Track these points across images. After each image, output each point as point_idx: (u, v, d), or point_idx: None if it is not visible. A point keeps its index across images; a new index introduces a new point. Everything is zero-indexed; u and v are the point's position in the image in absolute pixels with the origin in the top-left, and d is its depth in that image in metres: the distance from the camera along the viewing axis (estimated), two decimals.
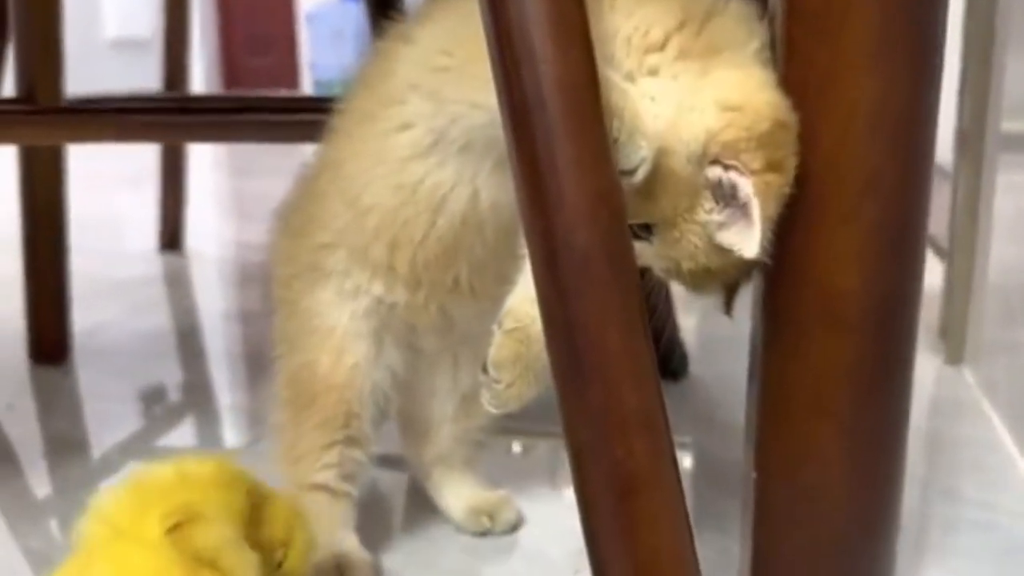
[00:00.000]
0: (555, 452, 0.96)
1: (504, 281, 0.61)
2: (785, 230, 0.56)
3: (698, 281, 0.57)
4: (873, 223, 0.56)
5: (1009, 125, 1.09)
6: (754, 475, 0.59)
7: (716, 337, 1.34)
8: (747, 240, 0.52)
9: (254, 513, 0.55)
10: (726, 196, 0.53)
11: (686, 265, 0.55)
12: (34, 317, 1.21)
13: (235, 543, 0.51)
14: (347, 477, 0.73)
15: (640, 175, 0.52)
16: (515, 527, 0.80)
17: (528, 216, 0.48)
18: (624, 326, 0.47)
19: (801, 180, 0.55)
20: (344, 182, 0.69)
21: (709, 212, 0.53)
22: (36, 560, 0.76)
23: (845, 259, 0.55)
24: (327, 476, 0.72)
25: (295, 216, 0.75)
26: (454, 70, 0.61)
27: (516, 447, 0.98)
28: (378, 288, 0.70)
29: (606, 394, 0.47)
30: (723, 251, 0.53)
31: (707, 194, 0.53)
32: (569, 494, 0.87)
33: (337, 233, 0.70)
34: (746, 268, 0.56)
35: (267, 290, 0.77)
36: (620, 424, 0.47)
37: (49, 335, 1.21)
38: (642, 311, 0.48)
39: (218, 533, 0.50)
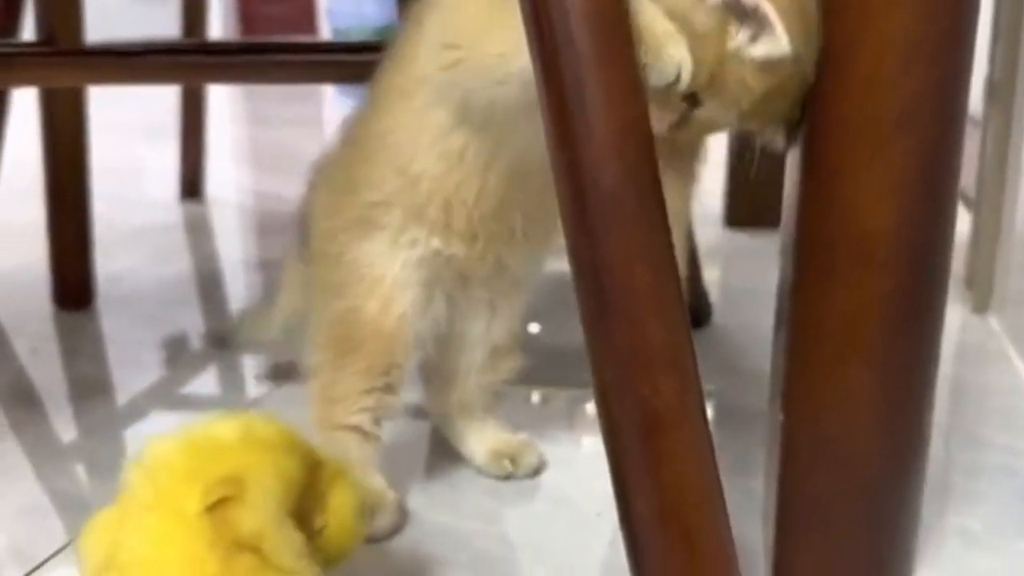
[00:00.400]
0: (574, 402, 0.96)
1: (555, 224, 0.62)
2: (816, 166, 0.55)
3: (764, 114, 0.57)
4: (906, 160, 0.54)
5: None
6: (781, 417, 0.59)
7: (738, 288, 1.34)
8: (774, 41, 0.53)
9: (307, 481, 0.52)
10: (742, 13, 0.53)
11: (745, 103, 0.56)
12: (58, 262, 1.21)
13: (279, 524, 0.48)
14: (379, 421, 0.73)
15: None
16: (537, 471, 0.80)
17: (556, 152, 0.47)
18: (652, 263, 0.47)
19: (834, 113, 0.54)
20: (391, 151, 0.69)
21: (735, 37, 0.54)
22: (62, 502, 0.77)
23: (877, 196, 0.54)
24: (361, 419, 0.72)
25: (340, 173, 0.74)
26: (465, 61, 0.61)
27: (535, 397, 0.98)
28: (436, 242, 0.70)
29: (632, 332, 0.47)
30: (765, 67, 0.54)
31: (729, 24, 0.54)
32: (588, 442, 0.88)
33: (389, 195, 0.70)
34: (798, 80, 0.56)
35: (286, 239, 0.77)
36: (646, 362, 0.47)
37: (73, 280, 1.22)
38: (671, 249, 0.48)
39: (262, 517, 0.47)
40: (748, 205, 1.56)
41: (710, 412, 0.95)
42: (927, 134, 0.54)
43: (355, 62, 0.87)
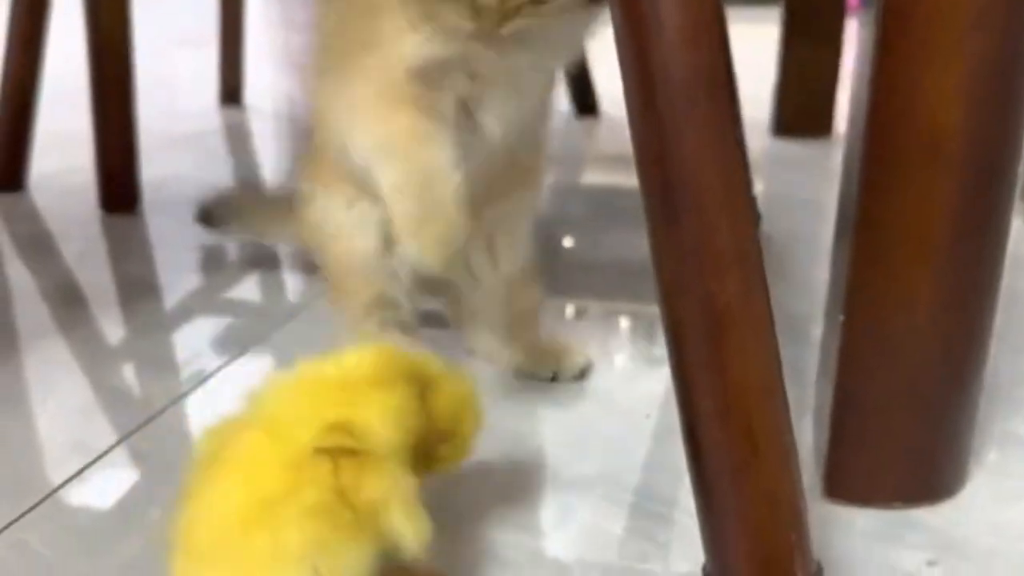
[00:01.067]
0: (607, 316, 0.96)
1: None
2: (888, 64, 0.53)
3: None
4: (980, 60, 0.53)
5: None
6: (842, 318, 0.58)
7: (785, 196, 1.33)
8: None
9: (422, 404, 0.50)
10: None
11: None
12: (104, 166, 1.22)
13: (394, 492, 0.46)
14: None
15: None
16: (584, 373, 0.80)
17: (624, 39, 0.46)
18: (721, 160, 0.46)
19: (908, 9, 0.52)
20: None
21: None
22: (114, 399, 0.78)
23: (950, 95, 0.53)
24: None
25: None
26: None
27: (569, 310, 0.97)
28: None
29: (700, 228, 0.46)
30: None
31: None
32: (622, 356, 0.88)
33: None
34: None
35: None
36: (714, 259, 0.46)
37: (119, 184, 1.22)
38: (741, 146, 0.47)
39: (382, 487, 0.45)
40: (795, 113, 1.53)
41: None
42: (1002, 36, 0.53)
43: None
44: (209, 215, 1.06)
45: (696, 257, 0.46)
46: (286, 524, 0.43)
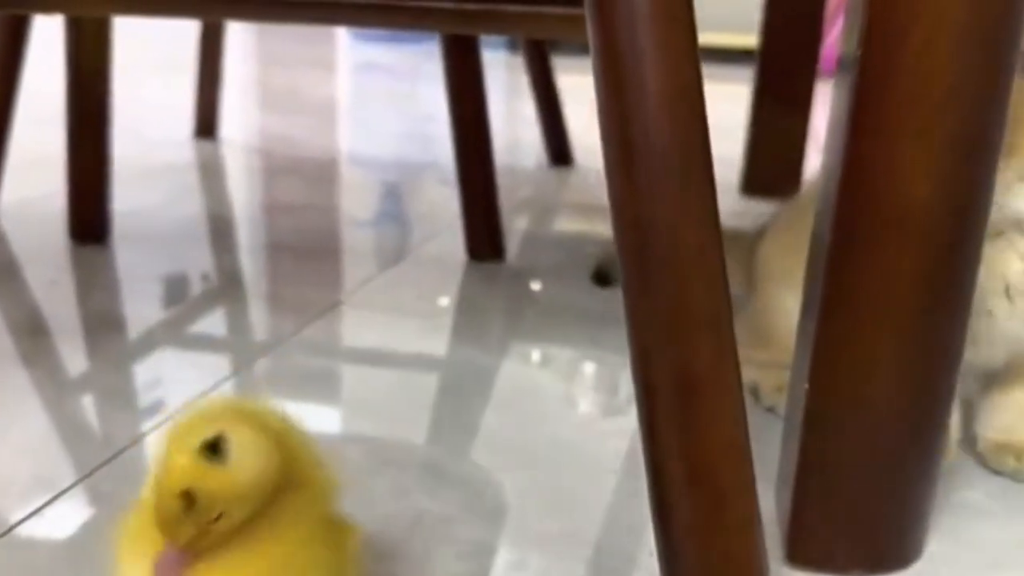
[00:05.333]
0: (572, 363, 0.96)
1: None
2: (861, 140, 0.55)
3: None
4: (950, 137, 0.54)
5: None
6: (806, 386, 0.59)
7: None
8: None
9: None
10: None
11: None
12: (76, 195, 1.21)
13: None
14: None
15: None
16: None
17: (606, 101, 0.46)
18: (697, 224, 0.47)
19: (881, 86, 0.53)
20: None
21: None
22: (74, 433, 0.77)
23: (921, 171, 0.54)
24: None
25: None
26: None
27: (536, 356, 0.98)
28: None
29: (675, 292, 0.47)
30: None
31: None
32: (584, 403, 0.88)
33: None
34: None
35: (294, 181, 0.77)
36: (687, 323, 0.47)
37: (90, 214, 1.21)
38: (715, 210, 0.48)
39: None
40: (764, 174, 1.55)
41: None
42: (972, 112, 0.55)
43: (373, 5, 0.86)
44: (606, 275, 1.07)
45: (669, 322, 0.47)
46: None
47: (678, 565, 0.49)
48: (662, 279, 0.47)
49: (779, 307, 0.81)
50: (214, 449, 0.45)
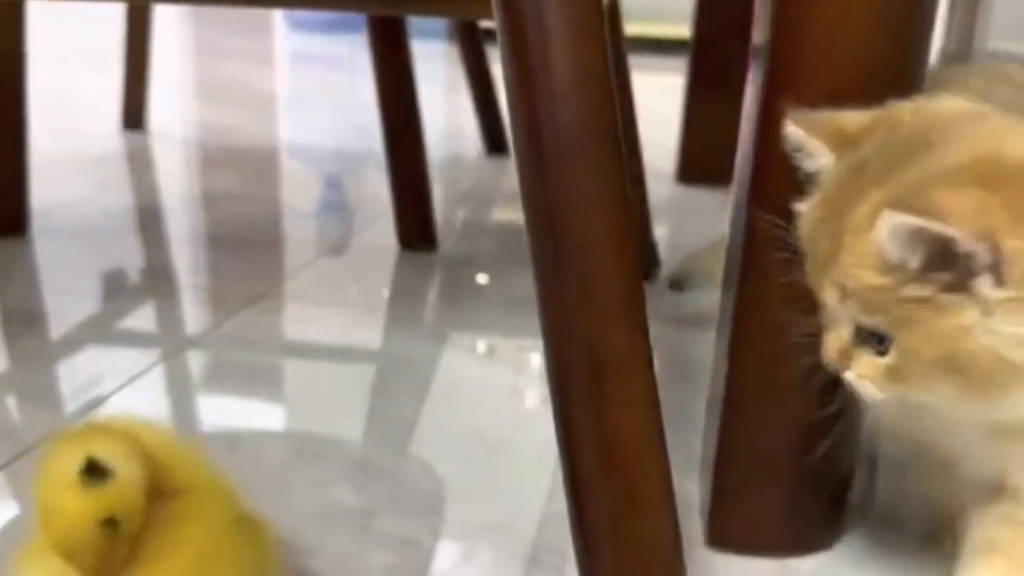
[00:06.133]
0: (517, 353, 0.96)
1: None
2: (771, 124, 0.55)
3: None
4: None
5: (997, 46, 1.08)
6: (726, 367, 0.59)
7: (687, 244, 1.35)
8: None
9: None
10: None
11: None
12: None
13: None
14: None
15: None
16: None
17: (513, 87, 0.46)
18: (607, 210, 0.46)
19: (788, 71, 0.54)
20: None
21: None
22: None
23: None
24: None
25: None
26: None
27: (480, 347, 0.98)
28: None
29: (584, 278, 0.46)
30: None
31: None
32: (532, 394, 0.88)
33: None
34: None
35: (230, 173, 0.75)
36: (597, 308, 0.46)
37: (7, 205, 1.18)
38: (626, 196, 0.47)
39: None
40: (699, 162, 1.56)
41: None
42: (881, 97, 0.55)
43: None
44: (681, 281, 1.04)
45: (580, 306, 0.47)
46: None
47: (591, 550, 0.49)
48: (572, 264, 0.46)
49: None
50: (92, 472, 0.45)
